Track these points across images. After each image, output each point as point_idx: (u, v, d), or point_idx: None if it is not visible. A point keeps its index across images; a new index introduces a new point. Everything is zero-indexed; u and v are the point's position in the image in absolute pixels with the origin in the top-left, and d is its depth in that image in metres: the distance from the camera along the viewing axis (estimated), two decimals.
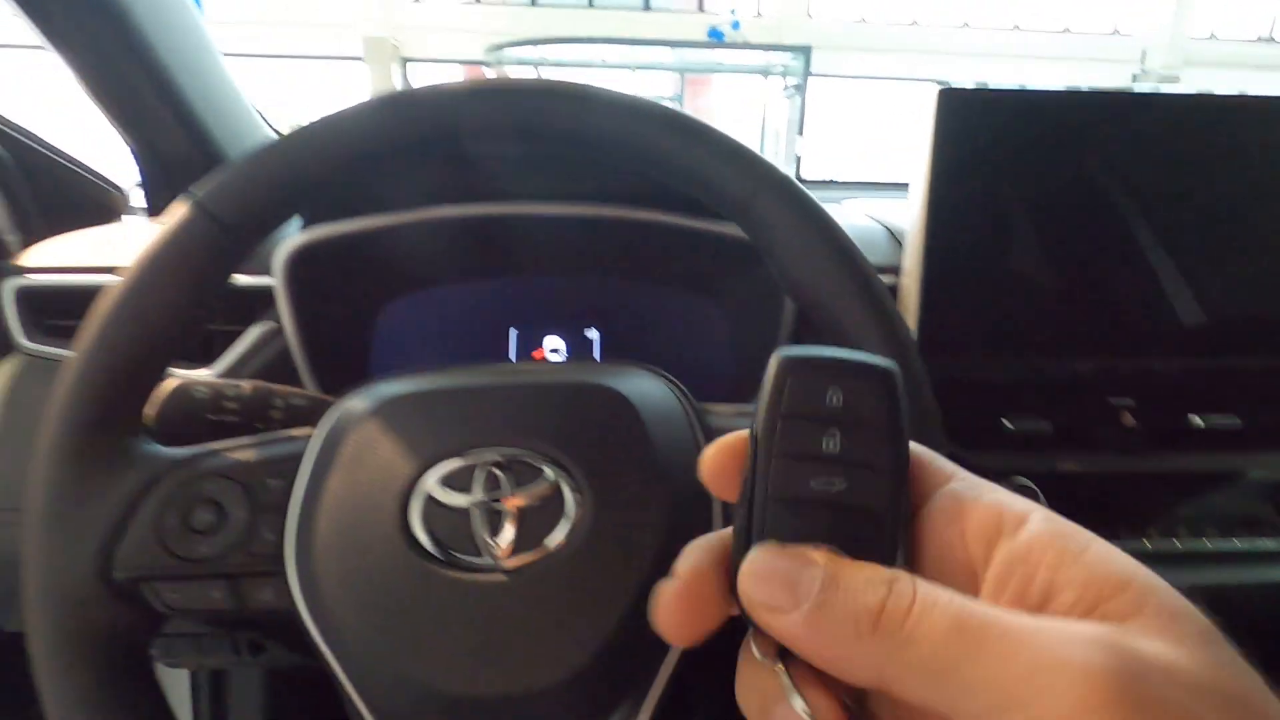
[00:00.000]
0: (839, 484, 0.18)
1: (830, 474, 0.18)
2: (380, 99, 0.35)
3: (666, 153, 0.36)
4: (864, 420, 0.18)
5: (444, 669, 0.30)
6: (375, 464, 0.33)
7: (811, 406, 0.18)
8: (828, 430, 0.18)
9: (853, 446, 0.18)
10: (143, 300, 0.33)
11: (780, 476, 0.18)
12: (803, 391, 0.19)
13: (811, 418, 0.18)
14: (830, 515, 0.18)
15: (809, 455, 0.18)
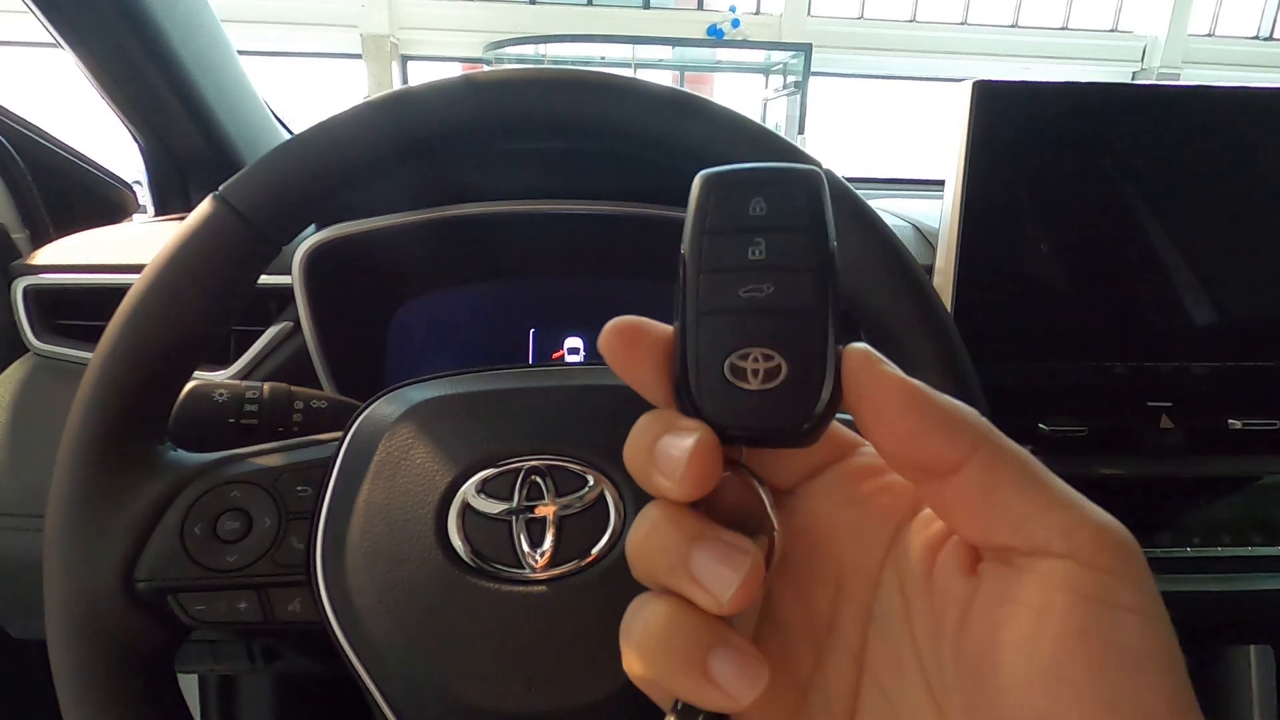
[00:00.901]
0: (767, 288, 0.18)
1: (758, 280, 0.18)
2: (416, 88, 0.34)
3: (696, 143, 0.35)
4: (787, 224, 0.18)
5: (481, 684, 0.29)
6: (410, 471, 0.32)
7: (736, 219, 0.18)
8: (753, 239, 0.18)
9: (778, 250, 0.18)
10: (168, 302, 0.32)
11: (710, 290, 0.18)
12: (726, 206, 0.19)
13: (737, 230, 0.18)
14: (761, 319, 0.18)
15: (737, 266, 0.18)
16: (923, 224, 0.62)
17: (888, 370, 0.17)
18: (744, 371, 0.18)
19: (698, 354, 0.18)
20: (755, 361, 0.18)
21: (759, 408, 0.18)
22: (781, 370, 0.18)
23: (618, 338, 0.19)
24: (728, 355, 0.18)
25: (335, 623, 0.31)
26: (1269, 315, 0.56)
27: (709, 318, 0.18)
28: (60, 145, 0.71)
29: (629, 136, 0.35)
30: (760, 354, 0.18)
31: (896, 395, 0.17)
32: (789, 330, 0.18)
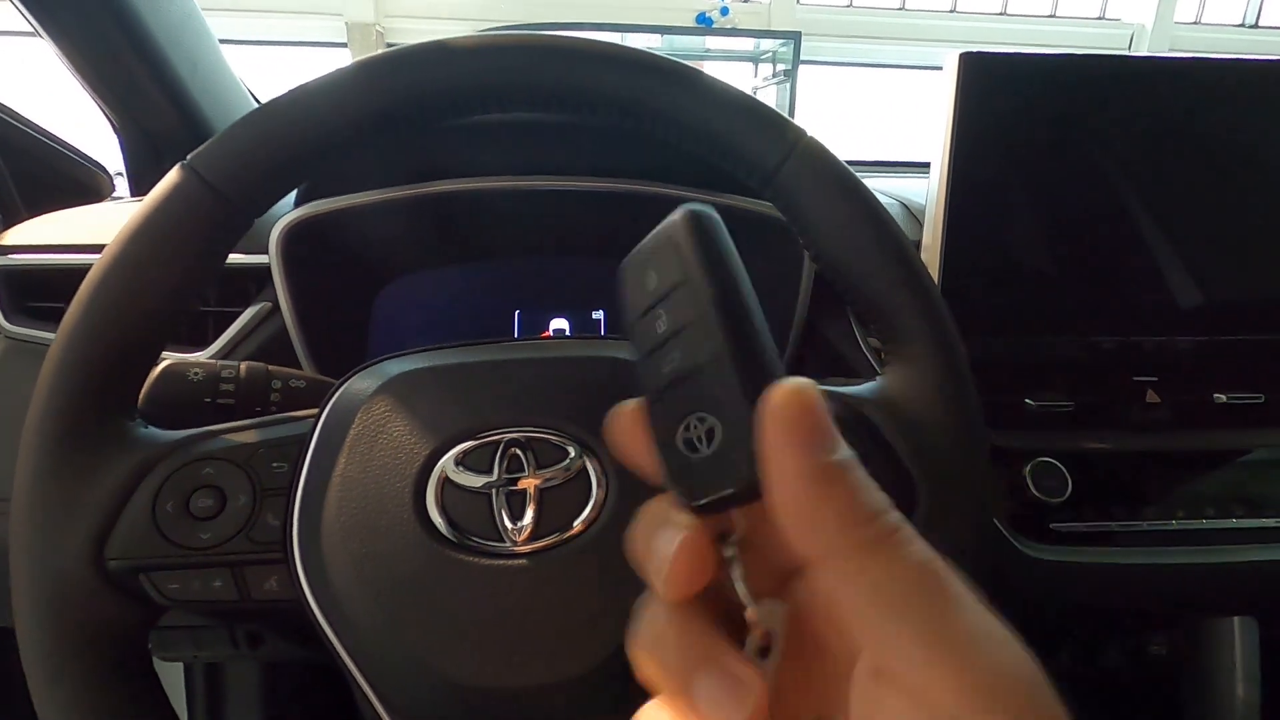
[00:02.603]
0: (678, 356, 0.18)
1: (669, 351, 0.18)
2: (396, 52, 0.33)
3: (683, 114, 0.34)
4: (673, 284, 0.18)
5: (462, 659, 0.29)
6: (387, 445, 0.31)
7: (642, 300, 0.19)
8: (655, 313, 0.18)
9: (674, 314, 0.18)
10: (134, 275, 0.31)
11: (648, 376, 0.19)
12: (634, 290, 0.19)
13: (644, 311, 0.19)
14: (685, 387, 0.18)
15: (653, 345, 0.18)
16: (910, 201, 0.62)
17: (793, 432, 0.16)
18: (692, 441, 0.18)
19: (658, 438, 0.18)
20: (696, 429, 0.18)
21: (710, 473, 0.17)
22: (717, 430, 0.17)
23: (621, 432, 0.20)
24: (676, 430, 0.18)
25: (312, 600, 0.31)
26: (1254, 290, 0.56)
27: (655, 403, 0.19)
28: (32, 126, 0.70)
29: (615, 106, 0.34)
30: (696, 420, 0.18)
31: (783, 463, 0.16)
32: (707, 389, 0.18)
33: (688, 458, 0.18)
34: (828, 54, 6.28)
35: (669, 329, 0.18)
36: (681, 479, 0.18)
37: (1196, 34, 6.69)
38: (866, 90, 6.60)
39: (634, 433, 0.19)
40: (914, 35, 6.22)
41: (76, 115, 0.70)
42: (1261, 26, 6.89)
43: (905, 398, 0.34)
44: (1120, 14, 6.55)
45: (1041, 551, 0.50)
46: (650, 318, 0.18)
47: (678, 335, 0.18)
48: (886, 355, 0.35)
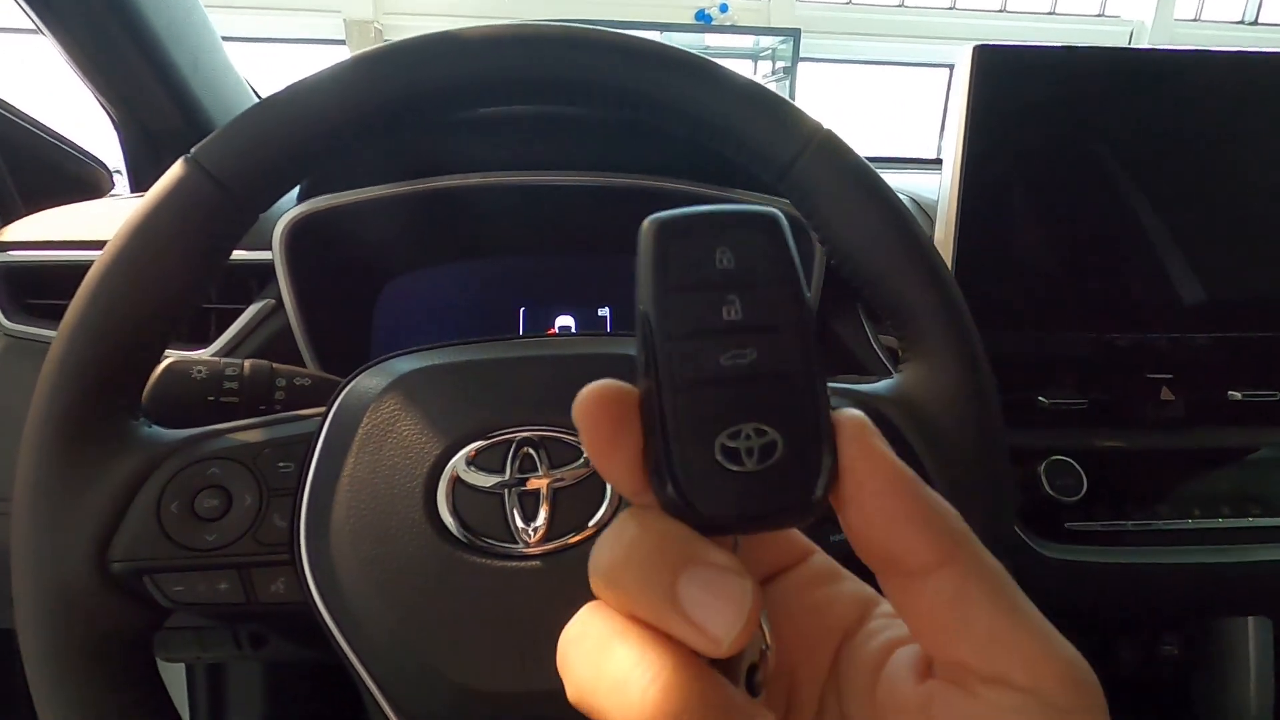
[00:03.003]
0: (749, 354, 0.16)
1: (740, 344, 0.16)
2: (403, 44, 0.32)
3: (695, 106, 0.33)
4: (760, 277, 0.16)
5: (473, 663, 0.29)
6: (396, 444, 0.31)
7: (702, 273, 0.16)
8: (725, 296, 0.16)
9: (755, 309, 0.16)
10: (137, 271, 0.30)
11: (687, 359, 0.16)
12: (689, 257, 0.16)
13: (705, 285, 0.16)
14: (750, 390, 0.16)
15: (713, 329, 0.16)
16: (921, 197, 0.61)
17: (881, 447, 0.16)
18: (737, 452, 0.15)
19: (682, 436, 0.16)
20: (749, 439, 0.15)
21: (758, 491, 0.15)
22: (778, 446, 0.15)
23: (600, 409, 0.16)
24: (718, 435, 0.15)
25: (320, 603, 0.30)
26: (1270, 286, 0.56)
27: (691, 393, 0.16)
28: (30, 121, 0.69)
29: (626, 98, 0.33)
30: (753, 430, 0.15)
31: (884, 475, 0.15)
32: (781, 400, 0.16)
33: (722, 469, 0.15)
34: (827, 51, 6.27)
35: (745, 320, 0.16)
36: (709, 491, 0.16)
37: (1196, 31, 6.69)
38: (866, 88, 6.59)
39: (622, 421, 0.16)
40: (913, 32, 6.21)
41: (78, 113, 0.70)
42: (1261, 24, 6.88)
43: (923, 396, 0.34)
44: (1120, 11, 6.54)
45: (1056, 551, 0.49)
46: (712, 297, 0.16)
47: (760, 332, 0.16)
48: (904, 353, 0.35)
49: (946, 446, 0.33)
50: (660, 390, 0.16)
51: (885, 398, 0.34)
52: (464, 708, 0.29)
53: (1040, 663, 0.15)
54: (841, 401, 0.34)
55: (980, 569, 0.15)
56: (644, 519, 0.16)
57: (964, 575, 0.15)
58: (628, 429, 0.16)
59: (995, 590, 0.15)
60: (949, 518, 0.16)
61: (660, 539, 0.15)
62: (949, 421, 0.33)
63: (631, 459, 0.16)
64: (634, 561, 0.15)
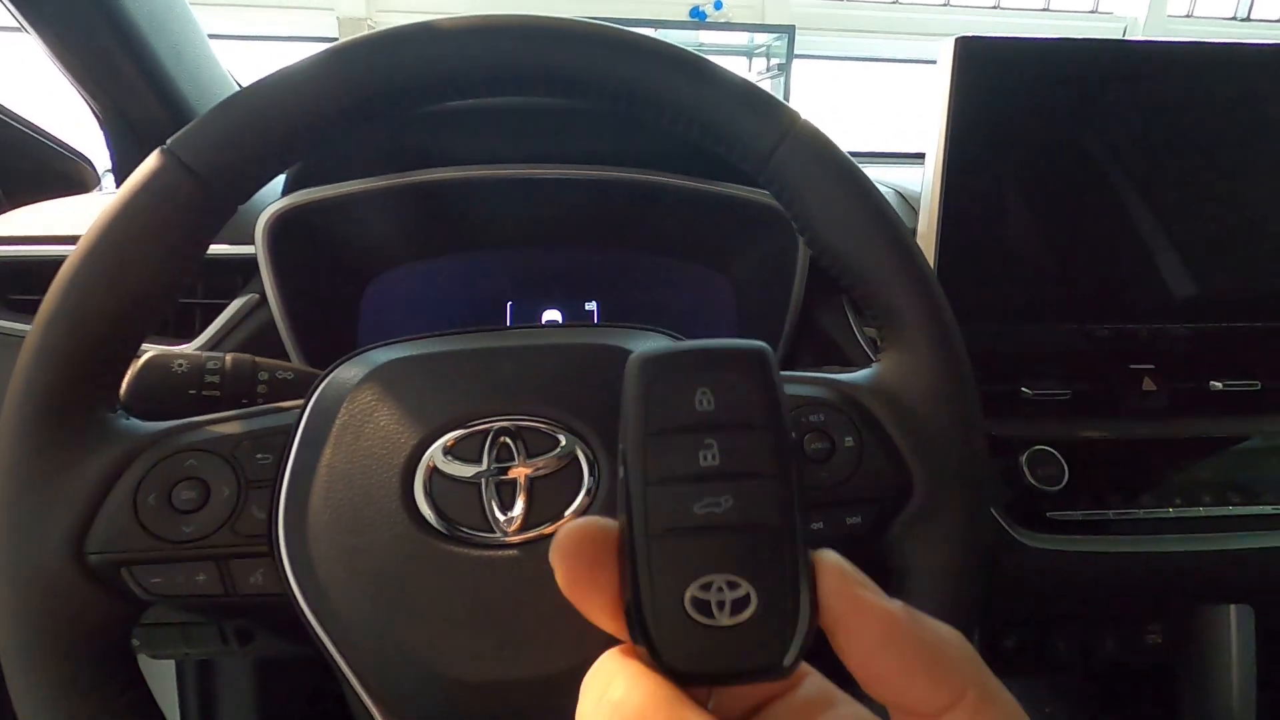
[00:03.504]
0: (725, 502, 0.15)
1: (714, 492, 0.15)
2: (383, 34, 0.32)
3: (676, 98, 0.33)
4: (740, 420, 0.16)
5: (451, 652, 0.29)
6: (373, 434, 0.31)
7: (681, 416, 0.16)
8: (703, 440, 0.16)
9: (733, 454, 0.16)
10: (113, 262, 0.30)
11: (660, 505, 0.16)
12: (669, 399, 0.16)
13: (683, 429, 0.16)
14: (723, 541, 0.15)
15: (688, 475, 0.16)
16: (905, 189, 0.62)
17: (866, 597, 0.15)
18: (708, 605, 0.15)
19: (652, 585, 0.15)
20: (720, 592, 0.15)
21: (728, 646, 0.15)
22: (751, 600, 0.15)
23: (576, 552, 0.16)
24: (687, 586, 0.15)
25: (299, 593, 0.30)
26: (1251, 277, 0.56)
27: (663, 540, 0.15)
28: (16, 118, 0.69)
29: (608, 89, 0.33)
30: (725, 583, 0.15)
31: (877, 627, 0.15)
32: (756, 552, 0.15)
33: (692, 621, 0.15)
34: (821, 48, 6.28)
35: (722, 467, 0.16)
36: (677, 644, 0.15)
37: (1189, 27, 6.71)
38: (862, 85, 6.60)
39: (598, 562, 0.16)
40: (908, 29, 6.22)
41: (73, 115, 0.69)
42: (1254, 20, 6.90)
43: (901, 384, 0.34)
44: (1113, 7, 6.56)
45: (1038, 540, 0.50)
46: (689, 442, 0.16)
47: (735, 480, 0.16)
48: (883, 342, 0.35)
49: (924, 434, 0.33)
50: (633, 536, 0.16)
51: (864, 387, 0.34)
52: (442, 696, 0.29)
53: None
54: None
55: (990, 709, 0.15)
56: (628, 675, 0.16)
57: (974, 711, 0.15)
58: (604, 570, 0.16)
59: None
60: (953, 653, 0.15)
61: (642, 706, 0.15)
62: (926, 409, 0.33)
63: (609, 601, 0.16)
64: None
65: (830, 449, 0.33)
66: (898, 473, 0.33)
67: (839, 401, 0.34)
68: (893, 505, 0.33)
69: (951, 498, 0.33)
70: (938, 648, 0.15)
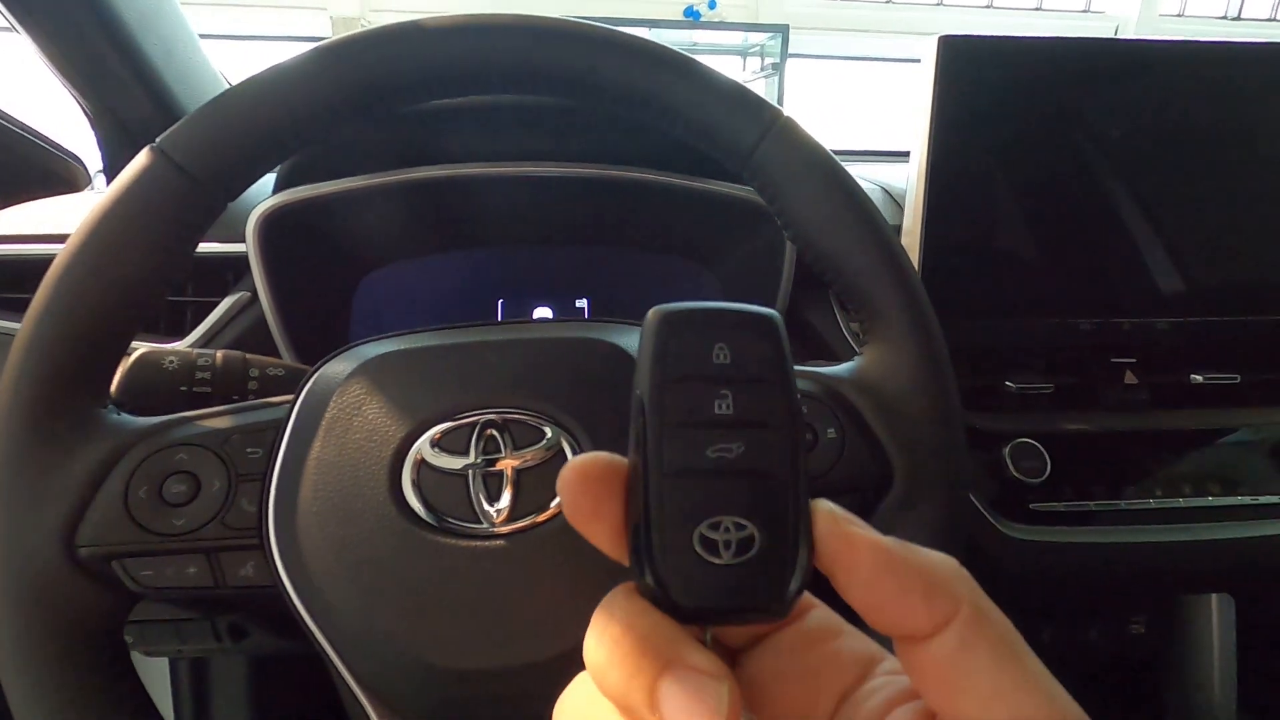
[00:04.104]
0: (736, 448, 0.16)
1: (726, 439, 0.16)
2: (370, 32, 0.32)
3: (660, 95, 0.34)
4: (754, 375, 0.17)
5: (440, 641, 0.29)
6: (362, 428, 0.31)
7: (700, 366, 0.17)
8: (718, 391, 0.17)
9: (746, 405, 0.17)
10: (102, 259, 0.30)
11: (675, 447, 0.17)
12: (689, 350, 0.17)
13: (701, 378, 0.17)
14: (731, 483, 0.16)
15: (702, 421, 0.17)
16: (892, 187, 0.62)
17: (857, 532, 0.16)
18: (715, 544, 0.16)
19: (663, 522, 0.16)
20: (727, 532, 0.16)
21: (732, 583, 0.16)
22: (755, 541, 0.16)
23: (582, 485, 0.17)
24: (698, 525, 0.16)
25: (288, 585, 0.30)
26: (1231, 272, 0.57)
27: (677, 480, 0.16)
28: (4, 116, 0.69)
29: (592, 87, 0.34)
30: (733, 523, 0.16)
31: (869, 559, 0.16)
32: (763, 496, 0.16)
33: (699, 559, 0.16)
34: (815, 48, 6.29)
35: (737, 415, 0.17)
36: (683, 579, 0.16)
37: (1180, 26, 6.74)
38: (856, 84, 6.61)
39: (607, 495, 0.17)
40: (901, 28, 6.23)
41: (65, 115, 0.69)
42: (1244, 19, 6.94)
43: (882, 377, 0.34)
44: (1105, 7, 6.59)
45: (1021, 531, 0.50)
46: (706, 391, 0.17)
47: (748, 428, 0.17)
48: (864, 335, 0.36)
49: (904, 425, 0.34)
50: (647, 475, 0.16)
51: (846, 380, 0.35)
52: (432, 686, 0.29)
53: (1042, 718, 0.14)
54: None
55: (983, 624, 0.15)
56: (627, 613, 0.16)
57: (966, 631, 0.15)
58: (608, 502, 0.17)
59: (999, 644, 0.15)
60: (945, 574, 0.16)
61: (642, 640, 0.16)
62: (906, 400, 0.34)
63: (613, 529, 0.17)
64: (617, 661, 0.16)
65: (813, 440, 0.34)
66: (878, 463, 0.34)
67: (821, 393, 0.34)
68: (874, 495, 0.34)
69: (930, 486, 0.34)
70: (929, 570, 0.16)
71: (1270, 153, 0.55)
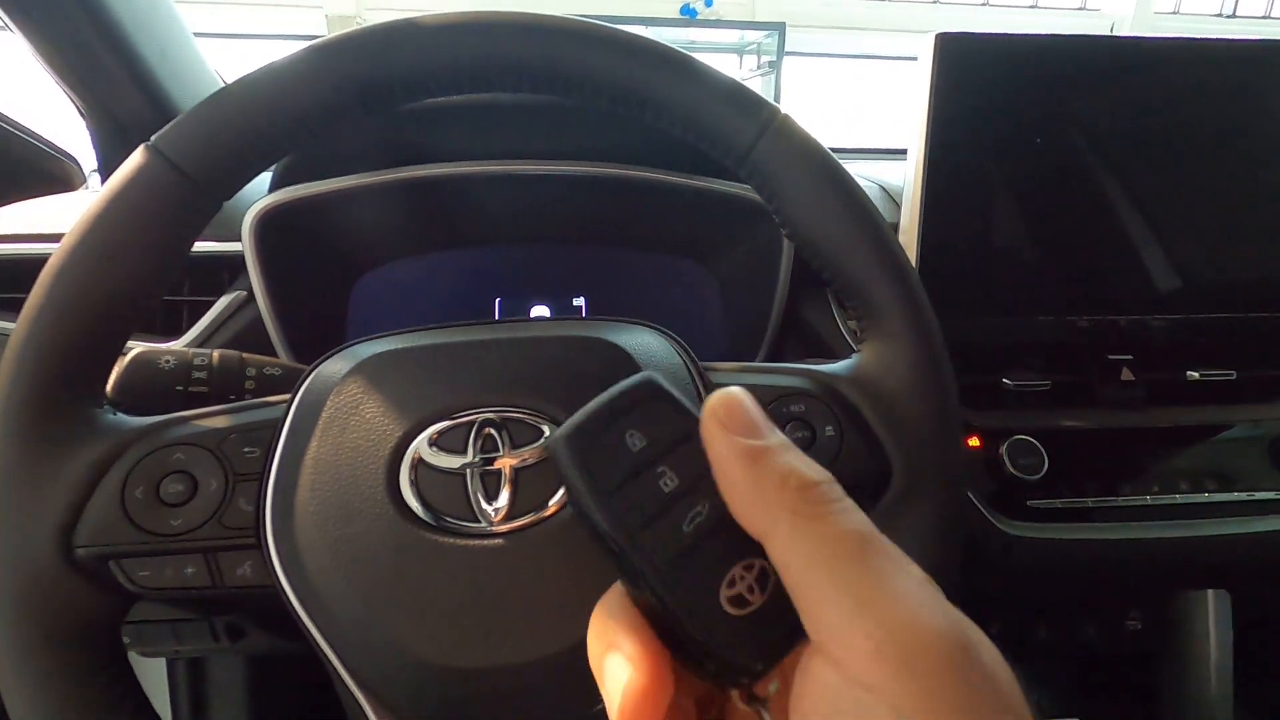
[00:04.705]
0: (703, 509, 0.17)
1: (688, 507, 0.17)
2: (366, 30, 0.32)
3: (657, 93, 0.34)
4: (674, 437, 0.18)
5: (438, 640, 0.29)
6: (359, 427, 0.31)
7: (620, 468, 0.17)
8: (655, 471, 0.17)
9: (686, 467, 0.17)
10: (98, 258, 0.30)
11: (657, 544, 0.17)
12: (606, 458, 0.17)
13: (632, 475, 0.17)
14: (721, 537, 0.17)
15: (662, 507, 0.17)
16: (889, 185, 0.62)
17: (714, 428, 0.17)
18: (741, 596, 0.16)
19: (691, 607, 0.16)
20: (744, 579, 0.16)
21: (775, 617, 0.16)
22: (768, 572, 0.16)
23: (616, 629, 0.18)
24: (719, 590, 0.16)
25: (286, 584, 0.30)
26: (1227, 268, 0.57)
27: (679, 568, 0.16)
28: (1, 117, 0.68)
29: (590, 86, 0.34)
30: (742, 569, 0.16)
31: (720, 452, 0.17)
32: (742, 533, 0.17)
33: (737, 618, 0.16)
34: (812, 45, 6.29)
35: (681, 485, 0.17)
36: (735, 644, 0.16)
37: (1175, 23, 6.76)
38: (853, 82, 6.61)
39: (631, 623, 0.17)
40: (898, 26, 6.24)
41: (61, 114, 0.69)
42: (1239, 16, 6.96)
43: (880, 374, 0.34)
44: (1101, 4, 6.60)
45: (1019, 528, 0.50)
46: (644, 480, 0.17)
47: (698, 487, 0.17)
48: (862, 332, 0.36)
49: (901, 422, 0.34)
50: (650, 585, 0.16)
51: (843, 378, 0.35)
52: (429, 684, 0.29)
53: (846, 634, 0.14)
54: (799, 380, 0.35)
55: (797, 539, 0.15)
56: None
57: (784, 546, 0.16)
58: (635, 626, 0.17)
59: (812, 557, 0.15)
60: (779, 487, 0.16)
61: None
62: (904, 398, 0.34)
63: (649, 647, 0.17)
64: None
65: (811, 438, 0.34)
66: (877, 460, 0.34)
67: (819, 391, 0.34)
68: (872, 493, 0.34)
69: (928, 484, 0.34)
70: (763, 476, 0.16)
71: (1265, 150, 0.55)
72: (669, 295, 0.66)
